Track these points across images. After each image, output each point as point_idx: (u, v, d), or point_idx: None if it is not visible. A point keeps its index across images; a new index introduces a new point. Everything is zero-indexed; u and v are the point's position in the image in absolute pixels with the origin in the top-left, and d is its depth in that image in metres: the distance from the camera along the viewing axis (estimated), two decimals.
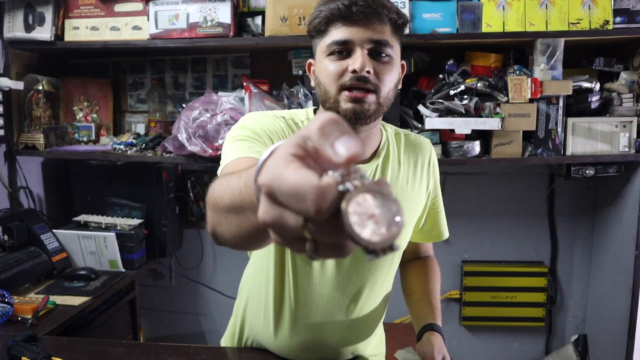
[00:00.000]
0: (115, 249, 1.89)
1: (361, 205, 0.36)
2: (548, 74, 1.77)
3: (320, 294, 1.03)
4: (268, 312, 1.06)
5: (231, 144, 0.91)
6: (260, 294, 1.07)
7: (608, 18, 1.74)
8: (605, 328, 2.10)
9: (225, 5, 1.85)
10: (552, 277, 2.26)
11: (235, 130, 0.95)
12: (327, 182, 0.34)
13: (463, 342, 2.35)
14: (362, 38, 0.91)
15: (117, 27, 1.94)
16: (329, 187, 0.34)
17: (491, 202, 2.25)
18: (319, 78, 0.98)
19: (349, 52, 0.93)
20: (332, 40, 0.93)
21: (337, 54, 0.93)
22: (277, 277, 1.03)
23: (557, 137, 1.81)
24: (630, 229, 1.90)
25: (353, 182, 0.37)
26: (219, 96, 1.92)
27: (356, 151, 0.35)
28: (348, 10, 0.90)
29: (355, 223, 0.36)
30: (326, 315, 1.04)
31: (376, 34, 0.92)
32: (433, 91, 1.85)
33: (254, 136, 0.92)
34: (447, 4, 1.80)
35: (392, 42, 0.94)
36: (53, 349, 1.10)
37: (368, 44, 0.92)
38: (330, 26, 0.94)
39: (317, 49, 0.99)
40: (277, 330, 1.06)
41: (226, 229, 0.61)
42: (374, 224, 0.36)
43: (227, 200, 0.58)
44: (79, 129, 2.18)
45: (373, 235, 0.36)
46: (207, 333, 2.48)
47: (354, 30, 0.91)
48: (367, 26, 0.91)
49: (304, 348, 1.06)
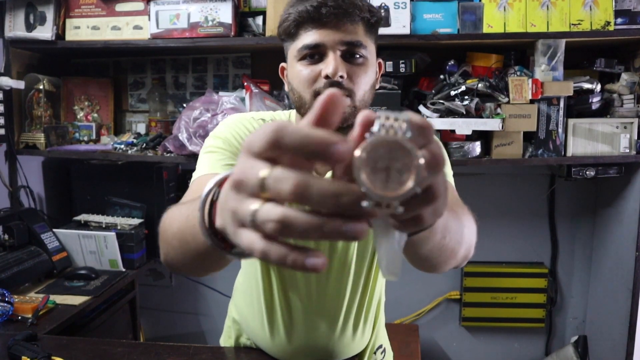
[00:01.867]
0: (115, 248, 1.89)
1: (375, 153, 0.34)
2: (549, 74, 1.77)
3: (308, 299, 1.03)
4: (262, 317, 1.06)
5: (202, 156, 0.92)
6: (253, 301, 1.07)
7: (609, 19, 1.74)
8: (605, 329, 2.10)
9: (226, 5, 1.85)
10: (552, 278, 2.26)
11: (208, 140, 0.95)
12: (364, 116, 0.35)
13: (463, 342, 2.35)
14: (333, 40, 0.89)
15: (118, 27, 1.94)
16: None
17: (491, 202, 2.25)
18: (292, 83, 0.95)
19: (321, 55, 0.90)
20: (302, 44, 0.90)
21: (308, 58, 0.91)
22: (266, 284, 1.03)
23: (557, 138, 1.81)
24: (630, 230, 1.90)
25: (383, 127, 0.35)
26: (220, 96, 1.92)
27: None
28: (317, 12, 0.87)
29: (360, 167, 0.34)
30: (318, 320, 1.04)
31: (348, 36, 0.89)
32: (434, 92, 1.85)
33: (224, 146, 0.91)
34: (448, 5, 1.79)
35: (365, 42, 0.91)
36: (53, 349, 1.10)
37: (340, 46, 0.89)
38: (300, 29, 0.91)
39: (288, 52, 0.96)
40: (272, 336, 1.06)
41: (174, 256, 0.66)
42: (384, 175, 0.34)
43: (175, 228, 0.62)
44: (80, 129, 2.18)
45: (376, 185, 0.34)
46: (207, 333, 2.48)
47: (324, 32, 0.89)
48: (338, 28, 0.88)
49: (301, 351, 1.06)
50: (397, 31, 1.78)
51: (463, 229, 0.68)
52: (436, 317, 2.34)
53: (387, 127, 0.35)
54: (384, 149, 0.34)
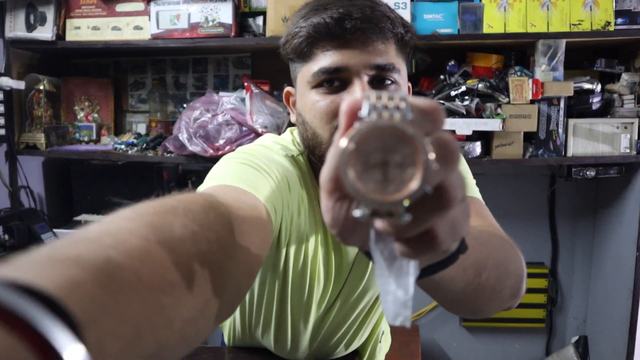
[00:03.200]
0: None
1: (366, 144, 0.26)
2: (549, 75, 1.77)
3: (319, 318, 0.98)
4: (269, 329, 1.02)
5: (230, 162, 0.72)
6: (260, 310, 1.02)
7: (610, 19, 1.74)
8: (606, 329, 2.10)
9: (226, 6, 1.85)
10: (552, 278, 2.26)
11: (240, 153, 0.75)
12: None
13: (463, 343, 2.35)
14: (360, 63, 0.70)
15: (119, 27, 1.94)
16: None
17: (492, 203, 2.22)
18: (303, 116, 0.77)
19: (343, 82, 0.72)
20: (319, 67, 0.72)
21: (327, 85, 0.73)
22: (278, 303, 0.98)
23: (558, 138, 1.80)
24: (631, 230, 1.90)
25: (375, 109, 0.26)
26: (220, 96, 1.92)
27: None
28: (339, 26, 0.69)
29: (347, 164, 0.25)
30: (326, 333, 1.00)
31: (379, 57, 0.71)
32: (434, 92, 1.85)
33: (267, 169, 0.71)
34: (449, 5, 1.79)
35: (398, 65, 0.74)
36: None
37: (369, 71, 0.71)
38: (316, 48, 0.72)
39: (298, 76, 0.78)
40: (277, 344, 1.04)
41: None
42: (380, 175, 0.25)
43: None
44: (80, 129, 2.18)
45: (370, 187, 0.25)
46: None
47: (349, 53, 0.70)
48: (365, 47, 0.70)
49: (305, 354, 1.05)
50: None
51: (506, 262, 0.57)
52: (436, 317, 2.34)
53: (379, 109, 0.26)
54: (378, 138, 0.26)
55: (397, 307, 0.31)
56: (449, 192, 0.27)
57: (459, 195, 0.28)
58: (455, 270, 0.42)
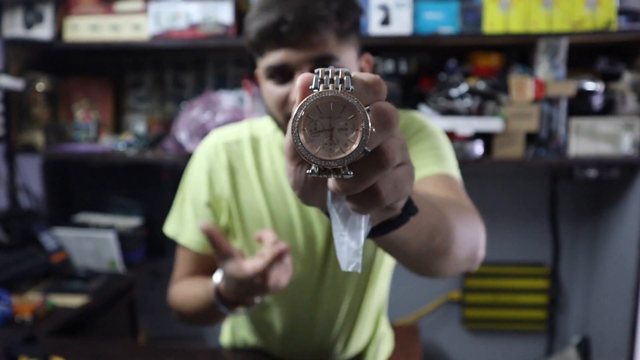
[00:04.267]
0: (114, 248, 1.88)
1: (314, 112, 0.31)
2: (551, 74, 1.76)
3: (302, 307, 1.01)
4: (257, 324, 1.06)
5: (176, 207, 1.07)
6: None
7: (612, 18, 1.73)
8: (607, 330, 2.09)
9: (225, 5, 1.84)
10: (554, 279, 2.25)
11: (183, 182, 1.06)
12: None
13: (464, 344, 2.34)
14: (300, 59, 0.80)
15: (117, 26, 1.93)
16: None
17: (493, 203, 2.24)
18: (265, 100, 0.89)
19: (289, 75, 0.82)
20: (267, 64, 0.83)
21: (278, 77, 0.83)
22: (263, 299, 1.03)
23: (559, 138, 1.80)
24: (632, 230, 1.89)
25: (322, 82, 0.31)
26: (219, 96, 1.91)
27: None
28: (276, 30, 0.78)
29: (299, 129, 0.30)
30: (313, 327, 1.02)
31: (315, 51, 0.80)
32: (435, 91, 1.84)
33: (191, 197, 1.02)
34: (450, 4, 1.79)
35: (338, 53, 0.81)
36: (52, 350, 1.09)
37: (308, 65, 0.80)
38: (264, 46, 0.82)
39: (258, 66, 0.88)
40: (267, 342, 1.06)
41: (190, 322, 1.05)
42: (327, 138, 0.31)
43: (190, 309, 0.99)
44: (79, 129, 2.17)
45: (317, 149, 0.30)
46: (207, 333, 2.47)
47: (288, 52, 0.80)
48: (303, 45, 0.79)
49: (299, 354, 1.05)
50: (398, 30, 1.77)
51: (462, 228, 0.62)
52: (437, 318, 2.33)
53: (326, 82, 0.31)
54: (324, 107, 0.31)
55: (350, 256, 0.36)
56: (386, 153, 0.32)
57: (397, 157, 0.33)
58: (408, 232, 0.47)
